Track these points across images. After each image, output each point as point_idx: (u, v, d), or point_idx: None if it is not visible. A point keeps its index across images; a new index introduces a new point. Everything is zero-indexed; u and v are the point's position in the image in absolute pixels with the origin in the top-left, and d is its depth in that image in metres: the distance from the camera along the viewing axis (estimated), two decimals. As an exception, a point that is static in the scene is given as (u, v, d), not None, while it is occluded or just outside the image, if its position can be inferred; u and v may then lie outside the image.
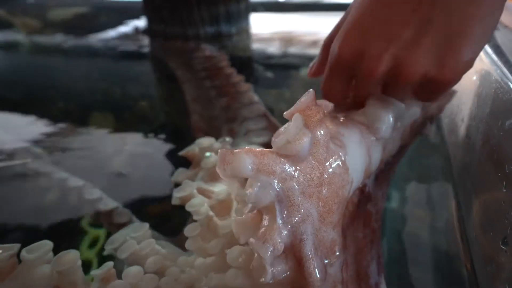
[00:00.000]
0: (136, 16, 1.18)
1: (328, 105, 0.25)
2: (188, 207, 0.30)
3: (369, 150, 0.25)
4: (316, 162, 0.22)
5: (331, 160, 0.22)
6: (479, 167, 0.36)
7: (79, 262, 0.25)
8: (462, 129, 0.43)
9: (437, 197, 0.48)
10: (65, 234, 0.44)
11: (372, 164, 0.26)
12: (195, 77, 0.73)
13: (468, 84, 0.43)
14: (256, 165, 0.20)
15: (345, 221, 0.26)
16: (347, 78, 0.28)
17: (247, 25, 1.09)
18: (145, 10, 1.06)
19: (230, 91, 0.67)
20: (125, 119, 0.69)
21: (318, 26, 1.18)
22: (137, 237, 0.28)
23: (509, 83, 0.32)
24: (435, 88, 0.26)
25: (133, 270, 0.26)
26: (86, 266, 0.35)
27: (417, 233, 0.43)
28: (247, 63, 0.95)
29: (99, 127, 0.65)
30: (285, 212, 0.20)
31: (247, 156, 0.20)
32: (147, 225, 0.30)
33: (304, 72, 0.85)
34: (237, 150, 0.20)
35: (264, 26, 1.17)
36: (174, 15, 0.99)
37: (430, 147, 0.53)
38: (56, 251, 0.26)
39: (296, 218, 0.20)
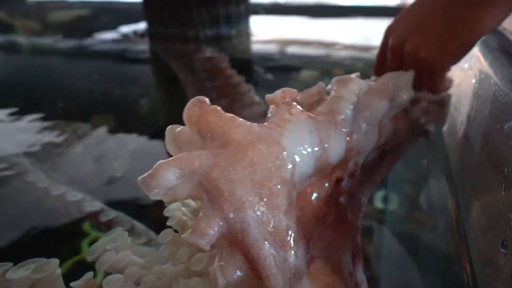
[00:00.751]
0: (136, 18, 1.18)
1: (294, 93, 0.24)
2: (165, 212, 0.30)
3: (323, 140, 0.24)
4: (237, 145, 0.21)
5: (255, 140, 0.21)
6: (478, 169, 0.36)
7: (59, 271, 0.25)
8: (461, 131, 0.43)
9: (436, 198, 0.48)
10: (66, 238, 0.44)
11: (329, 154, 0.24)
12: (196, 79, 0.73)
13: (467, 86, 0.43)
14: (178, 172, 0.19)
15: (308, 214, 0.25)
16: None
17: (247, 27, 1.09)
18: (145, 12, 1.06)
19: (231, 92, 0.67)
20: (125, 120, 0.69)
21: (319, 28, 1.19)
22: (116, 247, 0.28)
23: (508, 85, 0.32)
24: (431, 72, 0.36)
25: (113, 279, 0.25)
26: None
27: (416, 235, 0.43)
28: (247, 65, 0.95)
29: (99, 129, 0.65)
30: (215, 201, 0.19)
31: (164, 169, 0.19)
32: (126, 233, 0.29)
33: (304, 74, 0.85)
34: (150, 170, 0.20)
35: (264, 28, 1.17)
36: (173, 17, 1.00)
37: (429, 148, 0.53)
38: (57, 255, 0.26)
39: (228, 207, 0.19)
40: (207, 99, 0.22)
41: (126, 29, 1.17)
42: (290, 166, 0.21)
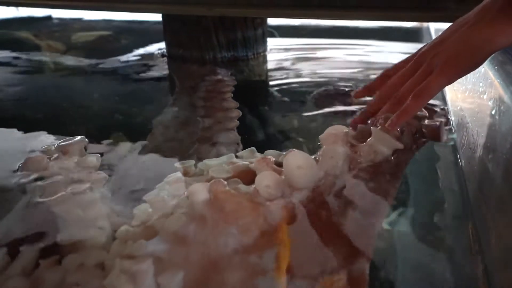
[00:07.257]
0: (157, 39, 1.21)
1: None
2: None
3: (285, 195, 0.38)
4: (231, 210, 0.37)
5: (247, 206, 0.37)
6: (499, 201, 0.36)
7: None
8: (480, 162, 0.42)
9: (454, 225, 0.47)
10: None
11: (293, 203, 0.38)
12: (189, 108, 0.75)
13: (484, 116, 0.43)
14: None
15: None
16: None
17: (264, 50, 1.11)
18: (164, 34, 1.09)
19: (219, 114, 0.70)
20: (143, 141, 0.70)
21: (334, 50, 1.20)
22: None
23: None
24: (439, 78, 0.41)
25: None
26: None
27: (431, 263, 0.43)
28: (263, 88, 0.96)
29: (116, 150, 0.66)
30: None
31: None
32: None
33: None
34: None
35: (280, 50, 1.18)
36: (191, 40, 1.02)
37: (445, 172, 0.53)
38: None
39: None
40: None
41: (146, 50, 1.20)
42: (262, 217, 0.36)
